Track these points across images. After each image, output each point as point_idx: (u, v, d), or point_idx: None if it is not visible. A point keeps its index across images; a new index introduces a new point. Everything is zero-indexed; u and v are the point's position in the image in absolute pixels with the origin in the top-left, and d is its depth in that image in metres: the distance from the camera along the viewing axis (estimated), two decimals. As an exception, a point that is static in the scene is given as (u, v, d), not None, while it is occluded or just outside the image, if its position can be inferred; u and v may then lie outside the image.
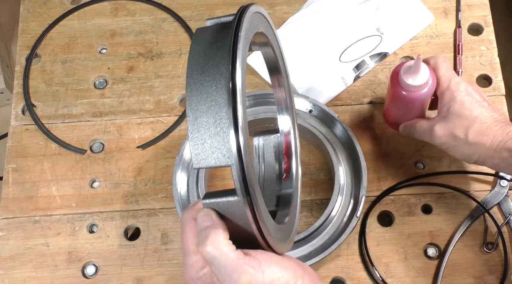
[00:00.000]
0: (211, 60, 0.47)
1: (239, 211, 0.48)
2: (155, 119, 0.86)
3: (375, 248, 0.76)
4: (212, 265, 0.50)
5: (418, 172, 0.80)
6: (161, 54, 0.90)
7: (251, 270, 0.49)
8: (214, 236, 0.49)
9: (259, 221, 0.48)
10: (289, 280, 0.51)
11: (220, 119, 0.46)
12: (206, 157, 0.46)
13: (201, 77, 0.47)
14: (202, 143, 0.46)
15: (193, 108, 0.47)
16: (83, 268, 0.77)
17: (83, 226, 0.79)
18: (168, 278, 0.76)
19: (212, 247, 0.49)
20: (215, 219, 0.50)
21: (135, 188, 0.81)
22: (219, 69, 0.46)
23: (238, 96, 0.45)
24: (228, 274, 0.49)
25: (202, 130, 0.46)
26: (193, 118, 0.46)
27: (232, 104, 0.45)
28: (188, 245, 0.53)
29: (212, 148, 0.46)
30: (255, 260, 0.50)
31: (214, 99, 0.46)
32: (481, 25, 0.89)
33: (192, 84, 0.47)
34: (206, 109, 0.46)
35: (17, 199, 0.81)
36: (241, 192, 0.46)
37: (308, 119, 0.79)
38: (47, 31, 0.93)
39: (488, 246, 0.75)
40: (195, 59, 0.48)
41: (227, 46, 0.46)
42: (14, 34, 1.67)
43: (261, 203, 0.49)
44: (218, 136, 0.46)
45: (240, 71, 0.46)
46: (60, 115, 0.87)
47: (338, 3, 0.90)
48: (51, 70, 0.90)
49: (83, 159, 0.84)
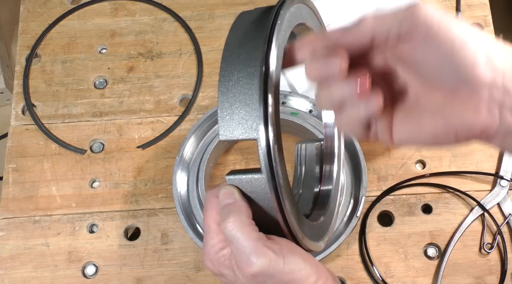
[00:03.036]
0: (249, 36, 0.47)
1: (262, 190, 0.47)
2: (155, 119, 0.86)
3: (375, 248, 0.76)
4: (232, 244, 0.47)
5: (418, 172, 0.80)
6: (161, 54, 0.90)
7: (272, 254, 0.47)
8: (236, 214, 0.47)
9: (281, 202, 0.46)
10: (311, 275, 0.48)
11: (251, 92, 0.44)
12: (232, 129, 0.45)
13: (237, 50, 0.46)
14: (230, 115, 0.45)
15: (225, 78, 0.46)
16: (83, 268, 0.77)
17: (83, 226, 0.79)
18: (168, 278, 0.76)
19: (233, 225, 0.47)
20: (238, 197, 0.48)
21: (135, 188, 0.81)
22: (256, 43, 0.45)
23: (271, 69, 0.44)
24: (247, 254, 0.46)
25: (231, 101, 0.45)
26: (224, 89, 0.46)
27: (264, 76, 0.44)
28: (210, 224, 0.50)
29: (239, 120, 0.45)
30: (277, 245, 0.48)
31: (247, 71, 0.45)
32: (481, 25, 0.89)
33: (227, 57, 0.46)
34: (237, 80, 0.45)
35: (17, 199, 0.81)
36: (265, 168, 0.45)
37: (308, 119, 0.79)
38: (47, 31, 0.93)
39: (488, 246, 0.75)
40: (234, 35, 0.47)
41: (267, 24, 0.46)
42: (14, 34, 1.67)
43: (286, 186, 0.47)
44: (246, 108, 0.45)
45: (276, 48, 0.45)
46: (60, 115, 0.87)
47: (338, 3, 0.90)
48: (51, 70, 0.90)
49: (83, 159, 0.84)
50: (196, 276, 0.76)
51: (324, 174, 0.66)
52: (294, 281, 0.47)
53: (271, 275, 0.47)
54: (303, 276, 0.48)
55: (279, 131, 0.46)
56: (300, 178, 0.67)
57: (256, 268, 0.46)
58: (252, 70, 0.45)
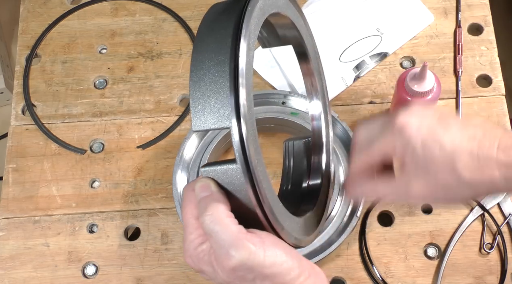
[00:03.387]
0: (220, 25, 0.46)
1: (238, 180, 0.45)
2: (155, 119, 0.86)
3: (375, 248, 0.76)
4: (211, 238, 0.46)
5: (418, 172, 0.80)
6: (161, 54, 0.90)
7: (251, 246, 0.45)
8: (214, 206, 0.46)
9: (257, 192, 0.45)
10: (293, 269, 0.47)
11: (222, 79, 0.43)
12: (205, 119, 0.44)
13: (207, 39, 0.46)
14: (202, 104, 0.44)
15: (197, 67, 0.45)
16: (83, 268, 0.77)
17: (83, 226, 0.79)
18: (168, 278, 0.76)
19: (211, 218, 0.46)
20: (214, 189, 0.47)
21: (135, 188, 0.81)
22: (226, 31, 0.45)
23: (241, 55, 0.43)
24: (226, 248, 0.45)
25: (203, 90, 0.44)
26: (196, 78, 0.45)
27: (234, 62, 0.43)
28: (188, 218, 0.50)
29: (211, 109, 0.44)
30: (258, 237, 0.46)
31: (217, 58, 0.44)
32: (481, 25, 0.89)
33: (198, 46, 0.46)
34: (208, 68, 0.44)
35: (17, 199, 0.81)
36: (239, 157, 0.43)
37: (308, 119, 0.79)
38: (47, 31, 0.93)
39: (488, 246, 0.75)
40: (205, 25, 0.47)
41: (237, 12, 0.45)
42: (14, 34, 1.67)
43: (263, 175, 0.45)
44: (218, 96, 0.43)
45: (247, 35, 0.44)
46: (60, 115, 0.87)
47: (338, 3, 0.90)
48: (51, 70, 0.90)
49: (83, 159, 0.84)
50: (196, 276, 0.76)
51: (313, 167, 0.65)
52: (275, 275, 0.46)
53: (250, 268, 0.46)
54: (284, 269, 0.47)
55: (253, 119, 0.45)
56: (288, 174, 0.66)
57: (235, 261, 0.45)
58: (222, 57, 0.44)
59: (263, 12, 0.48)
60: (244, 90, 0.43)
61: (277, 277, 0.46)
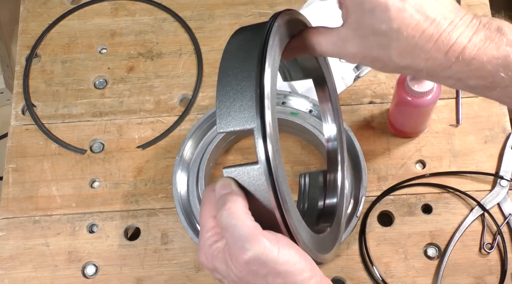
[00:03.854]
0: (247, 42, 0.49)
1: (259, 180, 0.47)
2: (155, 119, 0.86)
3: (375, 248, 0.76)
4: (227, 232, 0.47)
5: (418, 172, 0.80)
6: (161, 54, 0.90)
7: (267, 242, 0.46)
8: (233, 202, 0.47)
9: (278, 193, 0.46)
10: (305, 270, 0.47)
11: (248, 85, 0.46)
12: (229, 121, 0.47)
13: (236, 52, 0.49)
14: (227, 108, 0.47)
15: (224, 74, 0.48)
16: (83, 268, 0.77)
17: (83, 226, 0.79)
18: (168, 278, 0.76)
19: (228, 212, 0.46)
20: (234, 187, 0.48)
21: (135, 188, 0.81)
22: (253, 45, 0.48)
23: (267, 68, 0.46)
24: (242, 241, 0.46)
25: (229, 95, 0.47)
26: (223, 83, 0.47)
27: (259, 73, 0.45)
28: (206, 218, 0.50)
29: (236, 113, 0.46)
30: (273, 235, 0.47)
31: (244, 67, 0.47)
32: (481, 25, 0.89)
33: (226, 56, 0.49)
34: (235, 75, 0.47)
35: (17, 199, 0.81)
36: (262, 158, 0.45)
37: (308, 119, 0.79)
38: (47, 31, 0.93)
39: (488, 246, 0.75)
40: (233, 43, 0.50)
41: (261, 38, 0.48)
42: (14, 34, 1.67)
43: (283, 179, 0.47)
44: (243, 101, 0.46)
45: (270, 66, 0.47)
46: (60, 115, 0.87)
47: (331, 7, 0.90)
48: (51, 70, 0.90)
49: (83, 159, 0.84)
50: (196, 276, 0.76)
51: (329, 186, 0.67)
52: (287, 273, 0.47)
53: (264, 263, 0.46)
54: (297, 269, 0.47)
55: (276, 123, 0.47)
56: (304, 193, 0.68)
57: (250, 254, 0.46)
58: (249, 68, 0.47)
59: (281, 41, 0.51)
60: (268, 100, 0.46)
61: (289, 276, 0.47)
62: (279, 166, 0.47)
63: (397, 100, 0.76)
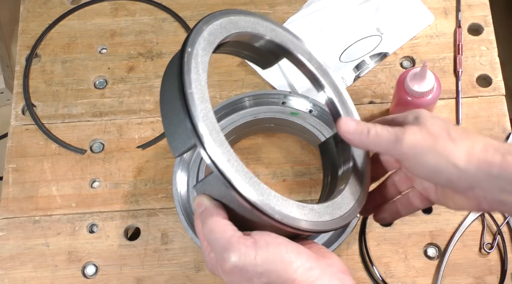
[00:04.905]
0: (170, 69, 0.54)
1: (220, 186, 0.49)
2: (155, 119, 0.86)
3: (375, 248, 0.76)
4: (212, 247, 0.49)
5: (418, 172, 0.80)
6: (161, 54, 0.90)
7: (242, 247, 0.47)
8: (209, 218, 0.49)
9: (239, 191, 0.47)
10: (288, 262, 0.48)
11: (179, 109, 0.49)
12: (177, 145, 0.50)
13: (165, 86, 0.54)
14: (173, 135, 0.51)
15: (161, 103, 0.53)
16: (83, 268, 0.77)
17: (83, 226, 0.79)
18: (168, 278, 0.76)
19: (208, 229, 0.49)
20: (207, 203, 0.50)
21: (135, 188, 0.81)
22: (175, 78, 0.51)
23: (187, 86, 0.49)
24: (222, 253, 0.48)
25: (169, 122, 0.51)
26: (163, 113, 0.52)
27: (182, 94, 0.49)
28: (199, 234, 0.53)
29: (179, 135, 0.50)
30: (250, 239, 0.48)
31: (172, 95, 0.51)
32: (481, 25, 0.89)
33: (161, 87, 0.54)
34: (170, 106, 0.51)
35: (17, 199, 0.81)
36: (212, 165, 0.47)
37: (308, 119, 0.79)
38: (47, 31, 0.93)
39: (488, 246, 0.75)
40: (164, 75, 0.55)
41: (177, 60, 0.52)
42: (14, 34, 1.67)
43: (242, 173, 0.49)
44: (178, 124, 0.50)
45: (192, 72, 0.50)
46: (60, 115, 0.87)
47: (338, 3, 0.90)
48: (51, 70, 0.90)
49: (83, 159, 0.84)
50: (196, 276, 0.76)
51: (341, 149, 0.66)
52: (269, 272, 0.48)
53: (244, 268, 0.48)
54: (278, 265, 0.48)
55: (215, 126, 0.49)
56: (327, 169, 0.68)
57: (231, 262, 0.48)
58: (176, 94, 0.50)
59: (211, 40, 0.54)
60: (200, 113, 0.48)
61: (272, 274, 0.48)
62: (233, 165, 0.48)
63: (397, 100, 0.76)
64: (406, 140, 0.51)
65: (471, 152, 0.48)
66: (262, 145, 0.83)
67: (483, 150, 0.48)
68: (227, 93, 0.87)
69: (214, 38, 0.55)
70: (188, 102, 0.48)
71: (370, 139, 0.53)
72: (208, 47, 0.54)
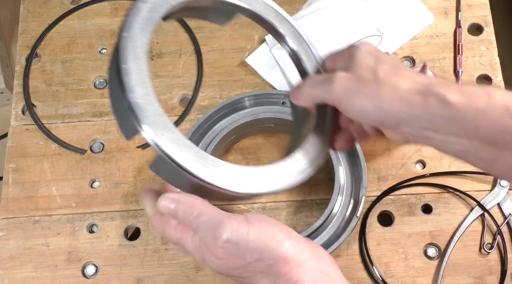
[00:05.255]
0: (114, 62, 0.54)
1: (168, 166, 0.50)
2: (155, 119, 0.86)
3: (375, 248, 0.76)
4: (199, 230, 0.48)
5: (418, 172, 0.80)
6: (161, 54, 0.90)
7: (234, 223, 0.47)
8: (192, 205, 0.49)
9: (181, 165, 0.48)
10: (280, 240, 0.48)
11: (120, 96, 0.50)
12: (125, 129, 0.51)
13: (109, 76, 0.55)
14: (120, 120, 0.52)
15: (110, 94, 0.53)
16: (83, 268, 0.77)
17: (83, 226, 0.79)
18: (168, 278, 0.76)
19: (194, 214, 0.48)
20: (176, 196, 0.50)
21: (135, 188, 0.81)
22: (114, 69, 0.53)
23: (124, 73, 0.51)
24: (212, 230, 0.47)
25: (116, 111, 0.52)
26: (112, 102, 0.53)
27: (120, 80, 0.50)
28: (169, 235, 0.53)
29: (125, 121, 0.51)
30: (242, 216, 0.48)
31: (114, 83, 0.52)
32: (481, 25, 0.89)
33: (109, 81, 0.55)
34: (113, 93, 0.52)
35: (17, 199, 0.81)
36: (152, 143, 0.49)
37: (308, 119, 0.79)
38: (47, 31, 0.93)
39: (488, 246, 0.75)
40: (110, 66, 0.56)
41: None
42: (14, 34, 1.67)
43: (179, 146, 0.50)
44: (123, 112, 0.51)
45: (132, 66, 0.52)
46: (60, 115, 0.87)
47: (338, 3, 0.90)
48: (51, 70, 0.90)
49: (83, 159, 0.84)
50: (196, 276, 0.76)
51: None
52: (261, 248, 0.47)
53: (237, 243, 0.47)
54: (270, 242, 0.48)
55: (153, 98, 0.52)
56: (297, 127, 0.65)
57: (222, 240, 0.47)
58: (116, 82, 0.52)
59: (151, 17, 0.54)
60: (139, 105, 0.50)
61: (264, 249, 0.48)
62: (174, 141, 0.49)
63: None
64: (335, 87, 0.52)
65: (395, 93, 0.49)
66: (262, 145, 0.83)
67: (406, 91, 0.49)
68: (227, 93, 0.87)
69: (154, 14, 0.54)
70: (125, 88, 0.50)
71: (306, 96, 0.56)
72: (147, 26, 0.53)
